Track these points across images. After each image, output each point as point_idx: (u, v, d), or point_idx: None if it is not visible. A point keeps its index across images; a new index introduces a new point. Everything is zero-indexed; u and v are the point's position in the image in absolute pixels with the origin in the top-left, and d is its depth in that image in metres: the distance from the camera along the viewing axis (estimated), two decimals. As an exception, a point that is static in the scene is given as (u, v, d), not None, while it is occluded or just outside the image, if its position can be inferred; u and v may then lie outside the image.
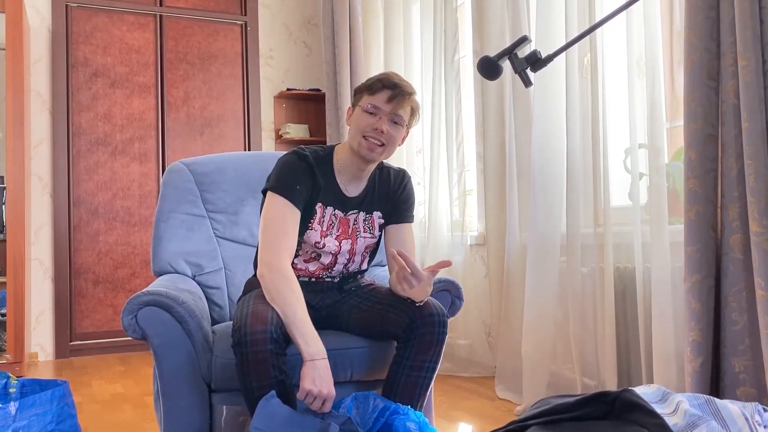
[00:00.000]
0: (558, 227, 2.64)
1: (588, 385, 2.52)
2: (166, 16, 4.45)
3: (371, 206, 1.87)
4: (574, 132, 2.55)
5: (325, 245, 1.81)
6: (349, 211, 1.84)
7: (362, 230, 1.86)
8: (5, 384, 1.95)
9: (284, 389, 1.60)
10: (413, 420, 1.56)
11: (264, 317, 1.57)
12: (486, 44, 3.20)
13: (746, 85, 1.80)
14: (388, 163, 1.97)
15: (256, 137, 4.63)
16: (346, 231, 1.84)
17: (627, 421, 1.28)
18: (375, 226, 1.88)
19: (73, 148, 4.18)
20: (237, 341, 1.56)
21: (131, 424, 2.61)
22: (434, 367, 1.73)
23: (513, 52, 1.58)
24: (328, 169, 1.82)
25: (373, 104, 1.73)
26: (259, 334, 1.54)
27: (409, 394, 1.72)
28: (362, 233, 1.86)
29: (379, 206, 1.88)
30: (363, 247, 1.86)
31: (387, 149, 1.77)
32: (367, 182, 1.87)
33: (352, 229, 1.85)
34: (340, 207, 1.83)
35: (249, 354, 1.55)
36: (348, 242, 1.84)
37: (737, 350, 1.87)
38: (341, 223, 1.83)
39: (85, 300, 4.16)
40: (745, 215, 1.86)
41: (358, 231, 1.85)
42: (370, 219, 1.87)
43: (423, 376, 1.72)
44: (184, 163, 2.31)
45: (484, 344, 3.27)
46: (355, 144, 1.76)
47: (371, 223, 1.87)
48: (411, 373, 1.71)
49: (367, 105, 1.74)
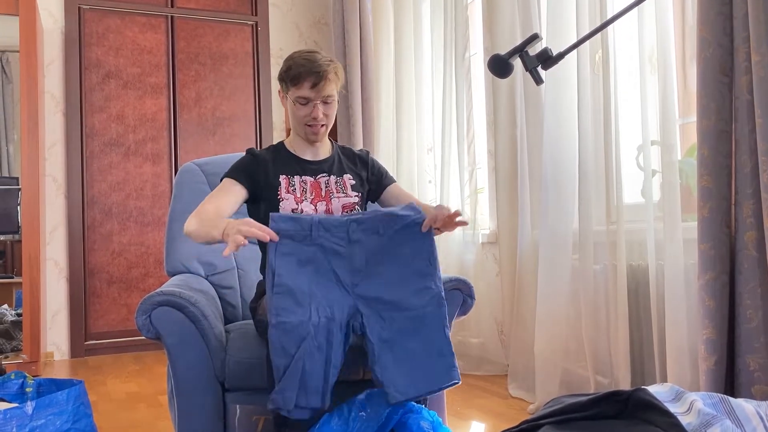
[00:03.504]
0: (570, 225, 2.63)
1: (601, 383, 2.50)
2: (177, 17, 4.47)
3: (340, 170, 1.96)
4: (586, 129, 2.54)
5: (303, 210, 1.86)
6: (318, 175, 1.92)
7: (335, 191, 1.92)
8: (22, 384, 1.97)
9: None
10: (426, 419, 1.56)
11: None
12: (497, 42, 3.19)
13: (760, 81, 1.78)
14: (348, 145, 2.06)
15: (268, 137, 4.64)
16: (320, 194, 1.90)
17: (640, 421, 1.28)
18: (347, 186, 1.95)
19: (87, 149, 4.21)
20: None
21: (146, 422, 2.63)
22: None
23: (524, 50, 1.57)
24: (279, 148, 1.96)
25: (301, 96, 1.83)
26: None
27: None
28: (335, 194, 1.92)
29: (348, 170, 1.97)
30: (339, 206, 1.91)
31: (328, 126, 1.91)
32: (330, 153, 1.98)
33: (326, 192, 1.91)
34: (308, 173, 1.91)
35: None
36: (323, 203, 1.90)
37: (752, 348, 1.86)
38: (313, 187, 1.90)
39: (99, 300, 4.19)
40: (759, 212, 1.84)
41: (331, 192, 1.92)
42: (341, 181, 1.94)
43: None
44: (196, 163, 2.32)
45: (497, 342, 3.27)
46: (301, 133, 1.91)
47: (343, 184, 1.94)
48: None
49: (296, 97, 1.84)
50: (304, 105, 1.84)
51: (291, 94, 1.86)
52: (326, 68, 1.82)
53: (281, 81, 1.90)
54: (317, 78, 1.80)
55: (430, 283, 1.67)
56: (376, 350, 1.60)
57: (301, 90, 1.82)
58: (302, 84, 1.82)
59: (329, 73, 1.83)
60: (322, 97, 1.83)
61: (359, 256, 1.68)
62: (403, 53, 3.92)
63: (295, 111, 1.87)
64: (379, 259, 1.69)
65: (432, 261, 1.69)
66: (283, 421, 1.65)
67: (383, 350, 1.60)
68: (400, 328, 1.62)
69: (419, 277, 1.67)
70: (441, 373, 1.62)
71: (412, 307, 1.64)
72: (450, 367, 1.63)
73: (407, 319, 1.63)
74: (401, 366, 1.59)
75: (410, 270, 1.68)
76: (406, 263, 1.68)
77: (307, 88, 1.82)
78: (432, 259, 1.69)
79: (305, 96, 1.83)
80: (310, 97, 1.83)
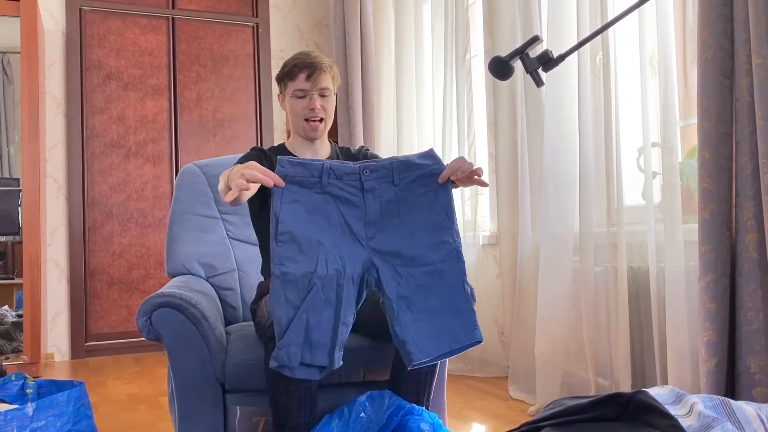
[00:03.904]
0: (571, 227, 2.63)
1: (602, 385, 2.50)
2: (178, 19, 4.47)
3: None
4: (587, 131, 2.54)
5: None
6: None
7: None
8: (22, 385, 1.97)
9: (309, 387, 1.62)
10: (427, 421, 1.56)
11: None
12: (497, 44, 3.19)
13: (761, 83, 1.78)
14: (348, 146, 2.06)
15: (269, 138, 4.64)
16: None
17: (640, 423, 1.28)
18: None
19: (88, 150, 4.22)
20: (271, 335, 1.57)
21: (146, 424, 2.63)
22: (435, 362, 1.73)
23: (524, 52, 1.57)
24: (280, 149, 1.97)
25: (298, 88, 1.87)
26: None
27: (414, 390, 1.72)
28: None
29: None
30: None
31: (326, 122, 1.93)
32: (329, 153, 2.00)
33: None
34: None
35: None
36: None
37: (753, 350, 1.85)
38: None
39: (100, 301, 4.19)
40: (760, 214, 1.84)
41: None
42: None
43: (425, 371, 1.72)
44: (197, 164, 2.32)
45: (497, 344, 3.27)
46: (299, 129, 1.93)
47: None
48: (412, 369, 1.71)
49: (293, 91, 1.88)
50: (301, 98, 1.88)
51: (288, 90, 1.90)
52: (320, 60, 1.88)
53: (279, 81, 1.94)
54: (311, 69, 1.85)
55: (448, 237, 1.59)
56: (395, 308, 1.53)
57: (297, 82, 1.87)
58: (297, 76, 1.87)
59: (323, 65, 1.87)
60: (318, 89, 1.87)
61: (373, 207, 1.59)
62: (404, 55, 3.92)
63: (293, 106, 1.90)
64: (394, 210, 1.60)
65: (449, 214, 1.61)
66: (284, 422, 1.64)
67: (401, 308, 1.53)
68: (418, 285, 1.55)
69: (436, 231, 1.59)
70: (463, 331, 1.55)
71: (429, 261, 1.57)
72: (472, 324, 1.56)
73: (425, 275, 1.56)
74: (421, 325, 1.52)
75: (427, 223, 1.59)
76: (422, 216, 1.60)
77: (302, 79, 1.86)
78: (449, 212, 1.61)
79: (301, 88, 1.87)
80: (306, 89, 1.87)
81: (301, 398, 1.61)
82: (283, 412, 1.62)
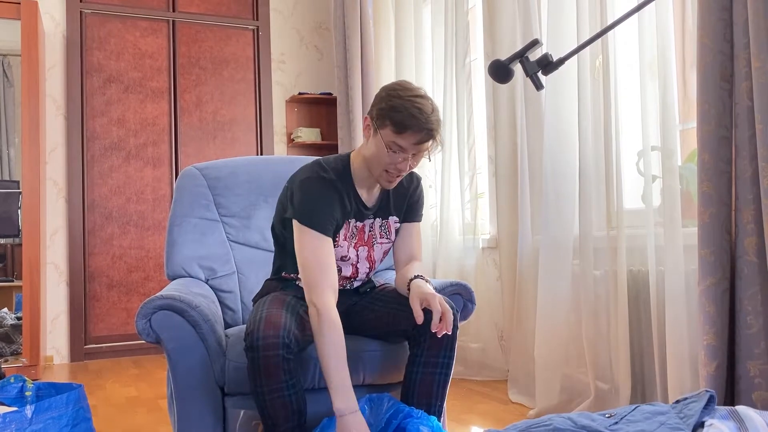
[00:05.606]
0: (570, 230, 2.63)
1: (601, 388, 2.50)
2: (178, 22, 4.48)
3: (387, 212, 1.86)
4: (586, 134, 2.55)
5: (349, 257, 1.81)
6: (364, 219, 1.83)
7: (378, 236, 1.85)
8: (21, 387, 1.97)
9: (294, 393, 1.61)
10: (426, 424, 1.56)
11: (277, 322, 1.58)
12: (497, 47, 3.20)
13: (760, 87, 1.79)
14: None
15: (268, 141, 4.65)
16: (362, 238, 1.83)
17: None
18: (392, 230, 1.87)
19: (88, 152, 4.22)
20: (249, 345, 1.57)
21: (145, 427, 2.63)
22: (449, 363, 1.73)
23: (524, 56, 1.57)
24: (348, 186, 1.77)
25: (399, 144, 1.65)
26: (271, 338, 1.55)
27: (427, 392, 1.73)
28: (378, 239, 1.85)
29: (395, 211, 1.87)
30: (381, 253, 1.86)
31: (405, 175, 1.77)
32: (380, 190, 1.85)
33: (368, 236, 1.84)
34: (359, 217, 1.82)
35: (261, 358, 1.56)
36: (364, 249, 1.83)
37: (752, 354, 1.85)
38: (358, 231, 1.83)
39: (99, 303, 4.19)
40: (759, 218, 1.84)
41: (374, 237, 1.84)
42: (386, 224, 1.86)
43: (438, 373, 1.73)
44: (197, 167, 2.32)
45: (497, 348, 3.26)
46: (375, 172, 1.72)
47: (388, 227, 1.86)
48: (426, 371, 1.72)
49: (392, 143, 1.65)
50: (396, 153, 1.66)
51: (388, 137, 1.65)
52: (436, 127, 1.65)
53: (381, 116, 1.66)
54: (426, 136, 1.64)
55: None
56: None
57: (402, 139, 1.64)
58: (406, 135, 1.63)
59: (435, 132, 1.66)
60: (417, 151, 1.68)
61: None
62: (404, 58, 3.92)
63: (382, 154, 1.67)
64: None
65: None
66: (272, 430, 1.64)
67: None
68: None
69: None
70: None
71: None
72: None
73: None
74: None
75: None
76: None
77: (410, 141, 1.64)
78: None
79: (403, 147, 1.65)
80: (407, 149, 1.65)
81: (286, 404, 1.61)
82: (269, 420, 1.62)
